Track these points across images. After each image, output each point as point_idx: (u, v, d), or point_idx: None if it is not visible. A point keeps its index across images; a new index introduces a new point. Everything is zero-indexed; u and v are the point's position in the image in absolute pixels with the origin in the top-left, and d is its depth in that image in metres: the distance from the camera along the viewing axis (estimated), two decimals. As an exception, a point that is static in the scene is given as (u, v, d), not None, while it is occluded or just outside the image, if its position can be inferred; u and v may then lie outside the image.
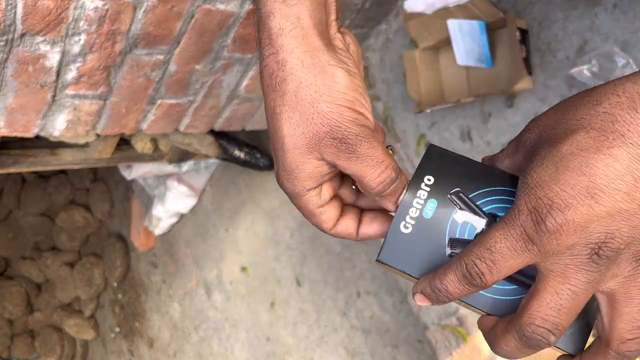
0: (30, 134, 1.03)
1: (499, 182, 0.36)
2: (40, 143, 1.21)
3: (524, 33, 0.97)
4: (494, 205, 0.36)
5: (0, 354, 2.98)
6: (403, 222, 0.37)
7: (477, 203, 0.36)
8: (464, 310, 1.10)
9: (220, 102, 1.21)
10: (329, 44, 0.38)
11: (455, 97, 1.10)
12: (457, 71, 1.11)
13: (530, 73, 0.97)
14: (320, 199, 0.40)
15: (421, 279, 0.37)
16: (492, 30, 1.02)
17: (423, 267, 0.37)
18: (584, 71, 0.88)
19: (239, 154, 1.52)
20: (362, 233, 0.41)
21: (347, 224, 0.41)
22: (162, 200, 1.98)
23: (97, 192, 2.59)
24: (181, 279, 2.14)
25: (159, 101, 1.11)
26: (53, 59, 0.88)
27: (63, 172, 2.75)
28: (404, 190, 0.38)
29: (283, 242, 1.64)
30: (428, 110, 1.11)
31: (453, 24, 1.02)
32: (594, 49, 0.90)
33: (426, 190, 0.37)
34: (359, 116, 0.37)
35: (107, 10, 0.84)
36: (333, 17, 0.39)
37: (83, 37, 0.87)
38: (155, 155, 1.39)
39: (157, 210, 2.01)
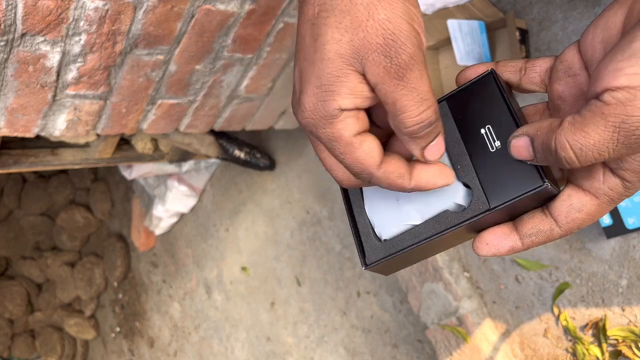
0: (30, 134, 1.04)
1: None
2: (40, 143, 1.22)
3: (523, 33, 0.97)
4: None
5: (0, 354, 2.98)
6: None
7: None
8: (463, 310, 1.11)
9: (220, 102, 1.21)
10: None
11: (455, 97, 1.11)
12: (457, 71, 1.11)
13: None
14: (358, 124, 0.32)
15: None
16: (492, 31, 1.02)
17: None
18: (584, 71, 0.88)
19: (239, 154, 1.52)
20: (419, 176, 0.34)
21: (397, 162, 0.33)
22: (162, 200, 1.98)
23: (98, 192, 2.60)
24: (181, 278, 2.14)
25: (159, 101, 1.12)
26: (53, 59, 0.89)
27: (64, 172, 2.75)
28: (435, 138, 0.33)
29: (283, 242, 1.65)
30: (428, 110, 1.11)
31: (453, 24, 1.02)
32: (593, 49, 0.90)
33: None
34: (416, 35, 0.31)
35: (107, 10, 0.84)
36: None
37: (83, 37, 0.87)
38: (156, 155, 1.39)
39: (158, 210, 2.01)
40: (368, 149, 0.32)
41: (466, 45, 1.04)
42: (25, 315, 2.94)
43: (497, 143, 0.34)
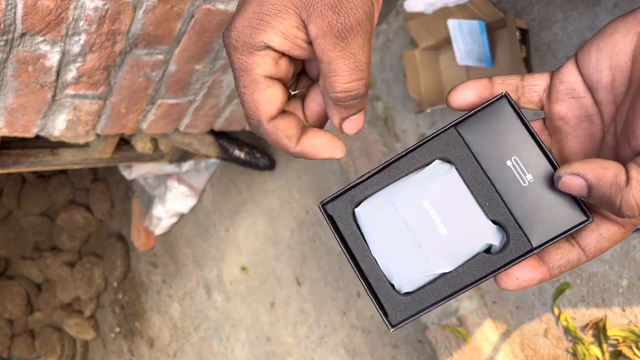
0: (30, 134, 1.03)
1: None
2: (40, 143, 1.21)
3: (524, 33, 0.97)
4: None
5: (0, 354, 2.98)
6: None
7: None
8: (464, 310, 1.10)
9: (220, 102, 1.21)
10: None
11: (455, 97, 1.11)
12: (457, 71, 1.11)
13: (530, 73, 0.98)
14: (273, 68, 0.32)
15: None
16: (492, 30, 1.02)
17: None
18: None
19: (239, 154, 1.52)
20: (306, 143, 0.33)
21: (290, 122, 0.33)
22: (162, 200, 1.98)
23: (98, 192, 2.59)
24: (181, 278, 2.14)
25: (159, 101, 1.11)
26: (53, 58, 0.88)
27: (63, 172, 2.75)
28: (358, 113, 0.33)
29: (283, 242, 1.64)
30: (428, 110, 1.11)
31: (453, 24, 1.02)
32: (594, 48, 0.90)
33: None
34: (370, 7, 0.30)
35: (107, 10, 0.84)
36: None
37: (83, 37, 0.87)
38: (155, 155, 1.39)
39: (157, 210, 2.01)
40: (269, 96, 0.32)
41: (466, 45, 1.03)
42: (25, 315, 2.94)
43: (529, 177, 0.33)
